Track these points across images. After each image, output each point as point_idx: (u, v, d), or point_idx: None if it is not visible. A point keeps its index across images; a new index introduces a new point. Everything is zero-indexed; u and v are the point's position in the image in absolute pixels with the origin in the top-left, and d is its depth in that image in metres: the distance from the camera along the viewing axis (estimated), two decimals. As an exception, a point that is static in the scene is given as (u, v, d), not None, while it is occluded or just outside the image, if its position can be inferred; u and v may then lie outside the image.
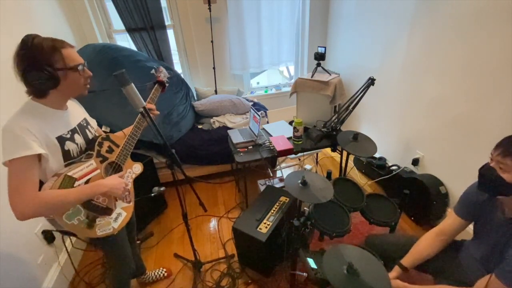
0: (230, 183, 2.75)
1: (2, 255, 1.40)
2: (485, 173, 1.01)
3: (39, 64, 0.90)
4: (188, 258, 1.92)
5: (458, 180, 1.95)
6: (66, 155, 1.03)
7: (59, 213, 1.00)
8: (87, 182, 1.06)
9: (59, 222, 1.00)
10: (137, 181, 1.31)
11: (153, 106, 1.33)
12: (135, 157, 2.16)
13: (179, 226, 2.26)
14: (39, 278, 1.63)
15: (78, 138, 1.09)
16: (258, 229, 1.61)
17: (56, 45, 0.94)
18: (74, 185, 1.02)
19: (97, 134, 1.23)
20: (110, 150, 1.18)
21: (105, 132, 1.34)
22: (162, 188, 1.47)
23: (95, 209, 1.10)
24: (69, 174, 1.01)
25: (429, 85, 2.05)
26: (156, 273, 1.82)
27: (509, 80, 1.51)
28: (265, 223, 1.65)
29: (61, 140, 1.01)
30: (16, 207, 0.88)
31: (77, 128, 1.11)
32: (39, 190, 0.96)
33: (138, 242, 1.99)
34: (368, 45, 2.66)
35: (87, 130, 1.17)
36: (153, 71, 1.41)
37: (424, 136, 2.19)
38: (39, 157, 0.94)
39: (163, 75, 1.42)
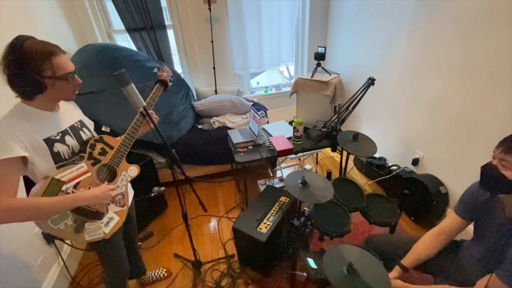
0: (230, 183, 2.75)
1: (2, 256, 1.40)
2: (487, 170, 1.01)
3: (26, 71, 0.88)
4: (188, 258, 1.92)
5: (458, 180, 1.95)
6: (56, 157, 1.01)
7: (41, 219, 0.96)
8: (76, 185, 1.04)
9: (44, 226, 0.98)
10: (137, 181, 1.30)
11: (152, 111, 1.27)
12: (135, 157, 2.16)
13: (179, 226, 2.26)
14: (39, 279, 1.63)
15: (70, 140, 1.07)
16: (258, 229, 1.61)
17: (46, 53, 0.91)
18: (62, 189, 0.99)
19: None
20: (104, 153, 1.14)
21: (105, 132, 1.33)
22: (162, 188, 1.46)
23: (84, 213, 1.07)
24: (57, 177, 0.98)
25: (429, 85, 2.05)
26: (156, 273, 1.82)
27: (509, 80, 1.51)
28: (265, 223, 1.65)
29: (49, 142, 0.99)
30: None
31: (69, 130, 1.09)
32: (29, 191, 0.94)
33: (138, 243, 1.99)
34: (368, 45, 2.66)
35: (81, 132, 1.14)
36: (155, 69, 1.36)
37: (424, 136, 2.19)
38: (24, 160, 0.92)
39: (166, 74, 1.37)
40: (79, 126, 1.16)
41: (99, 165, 1.12)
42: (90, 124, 1.25)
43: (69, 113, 1.14)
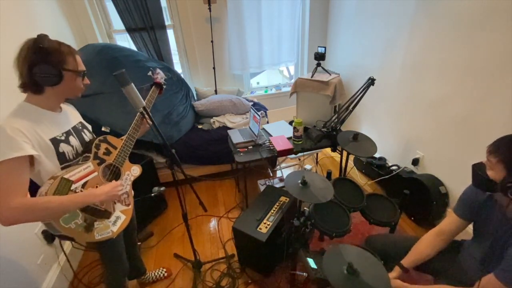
0: (230, 183, 2.75)
1: (2, 255, 1.40)
2: (475, 168, 1.05)
3: (52, 60, 0.93)
4: (188, 258, 1.92)
5: (458, 180, 1.95)
6: (61, 157, 1.02)
7: (53, 218, 0.97)
8: (84, 185, 1.05)
9: (55, 226, 0.98)
10: (137, 181, 1.31)
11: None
12: (135, 157, 2.15)
13: (179, 226, 2.26)
14: (39, 278, 1.63)
15: (74, 141, 1.09)
16: (258, 229, 1.61)
17: (71, 50, 1.00)
18: (71, 188, 1.00)
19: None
20: (108, 152, 1.16)
21: (105, 132, 1.34)
22: (162, 188, 1.46)
23: (93, 212, 1.08)
24: (66, 176, 0.99)
25: (429, 85, 2.05)
26: (156, 273, 1.82)
27: (509, 80, 1.51)
28: (265, 223, 1.65)
29: (55, 142, 1.00)
30: (0, 211, 0.84)
31: (72, 131, 1.10)
32: (36, 192, 0.95)
33: (138, 243, 1.99)
34: (368, 45, 2.66)
35: (83, 133, 1.16)
36: (149, 73, 1.39)
37: (424, 136, 2.19)
38: (31, 159, 0.93)
39: (160, 76, 1.40)
40: (81, 127, 1.17)
41: (103, 165, 1.14)
42: (89, 126, 1.27)
43: (71, 115, 1.15)
